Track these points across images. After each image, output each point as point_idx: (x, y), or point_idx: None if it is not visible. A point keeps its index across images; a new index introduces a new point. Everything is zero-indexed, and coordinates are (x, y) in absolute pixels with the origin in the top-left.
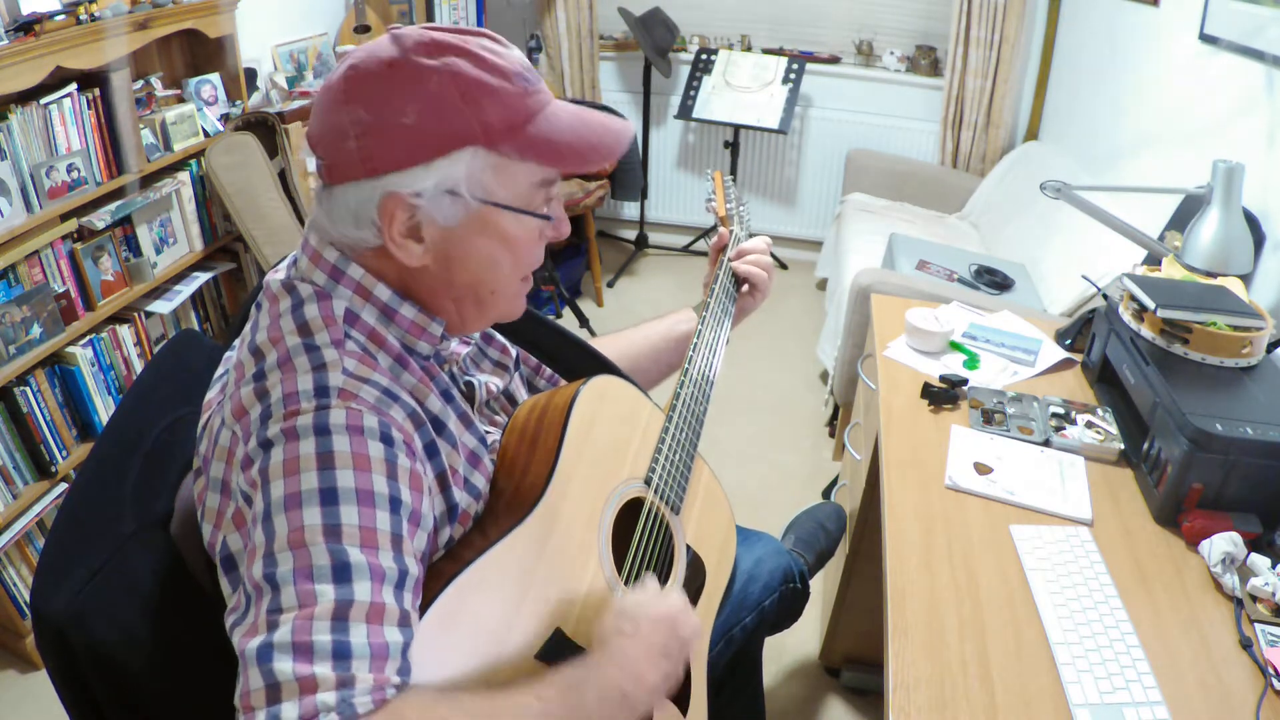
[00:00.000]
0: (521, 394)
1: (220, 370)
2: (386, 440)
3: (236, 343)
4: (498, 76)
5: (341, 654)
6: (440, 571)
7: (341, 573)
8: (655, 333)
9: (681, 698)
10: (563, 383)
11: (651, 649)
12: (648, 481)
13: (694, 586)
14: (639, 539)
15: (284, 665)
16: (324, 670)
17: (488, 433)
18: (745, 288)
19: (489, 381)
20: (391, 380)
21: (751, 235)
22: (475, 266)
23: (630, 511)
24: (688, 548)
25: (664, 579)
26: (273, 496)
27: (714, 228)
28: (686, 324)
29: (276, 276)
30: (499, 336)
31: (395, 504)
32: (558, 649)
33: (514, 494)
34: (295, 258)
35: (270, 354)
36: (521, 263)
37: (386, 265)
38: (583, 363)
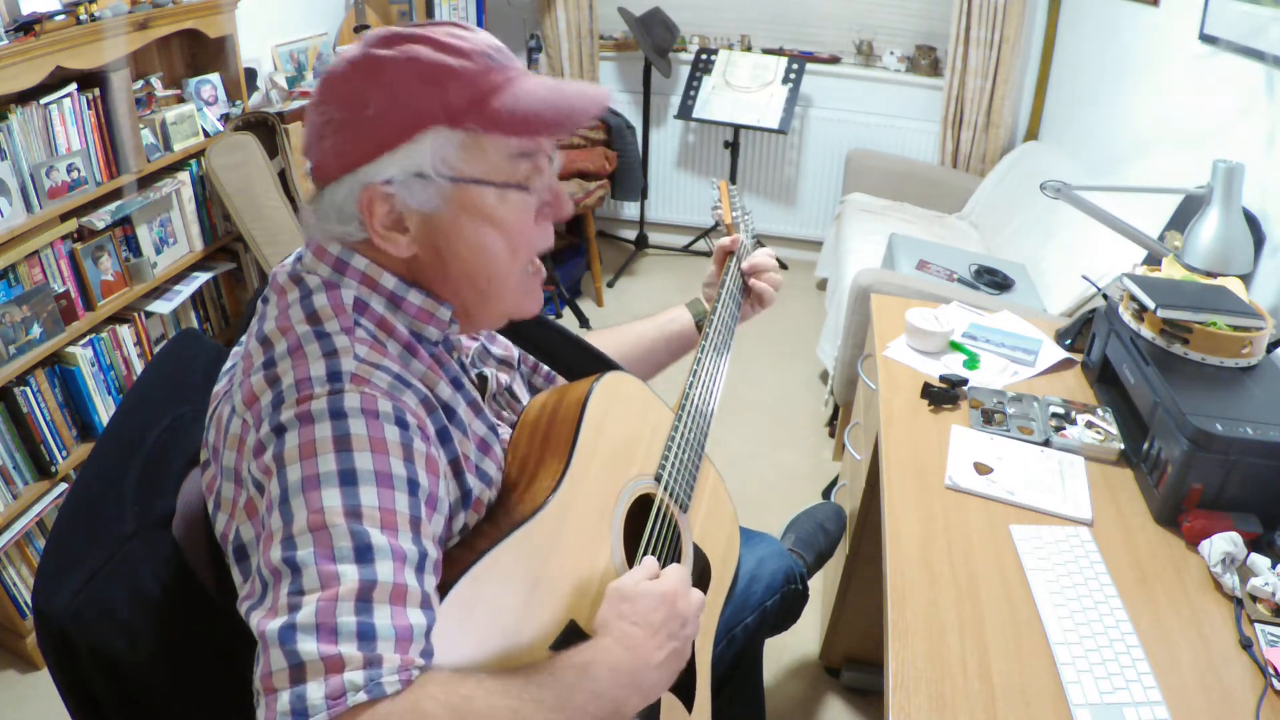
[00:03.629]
0: (522, 391)
1: (228, 363)
2: (401, 424)
3: (244, 336)
4: (458, 56)
5: (366, 635)
6: (455, 561)
7: (364, 553)
8: (648, 331)
9: (686, 694)
10: (560, 381)
11: (654, 628)
12: (658, 478)
13: (699, 586)
14: (649, 534)
15: (308, 645)
16: (349, 650)
17: (496, 424)
18: (751, 293)
19: (498, 375)
20: (402, 367)
21: (758, 243)
22: (466, 252)
23: (639, 507)
24: (694, 546)
25: None
26: (289, 480)
27: (715, 227)
28: (679, 323)
29: (283, 269)
30: (500, 336)
31: (413, 486)
32: (572, 640)
33: (527, 487)
34: (300, 254)
35: (280, 342)
36: (518, 246)
37: (385, 258)
38: (583, 361)
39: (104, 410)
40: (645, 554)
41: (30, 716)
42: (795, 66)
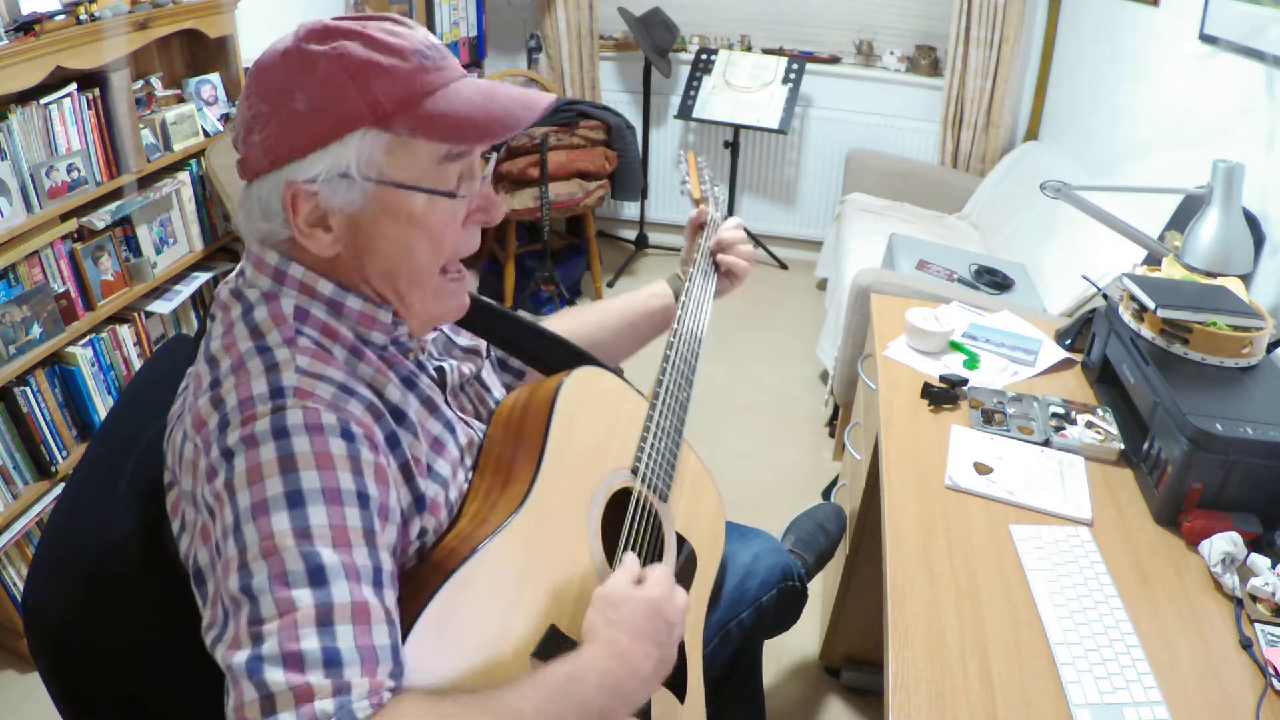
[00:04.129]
0: (493, 380)
1: (183, 384)
2: (347, 436)
3: (199, 356)
4: (391, 55)
5: (332, 660)
6: (431, 574)
7: (316, 575)
8: (630, 307)
9: (678, 686)
10: (532, 371)
11: (641, 635)
12: (635, 471)
13: (685, 574)
14: (628, 529)
15: (276, 676)
16: (317, 678)
17: (455, 419)
18: (722, 269)
19: (461, 367)
20: (347, 374)
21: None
22: (387, 253)
23: (618, 502)
24: (677, 535)
25: None
26: (240, 507)
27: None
28: (661, 299)
29: (227, 285)
30: (465, 330)
31: (364, 499)
32: (553, 645)
33: (501, 491)
34: (242, 267)
35: (224, 360)
36: (441, 248)
37: (310, 259)
38: (551, 352)
39: (104, 410)
40: (625, 549)
41: (30, 716)
42: (795, 66)
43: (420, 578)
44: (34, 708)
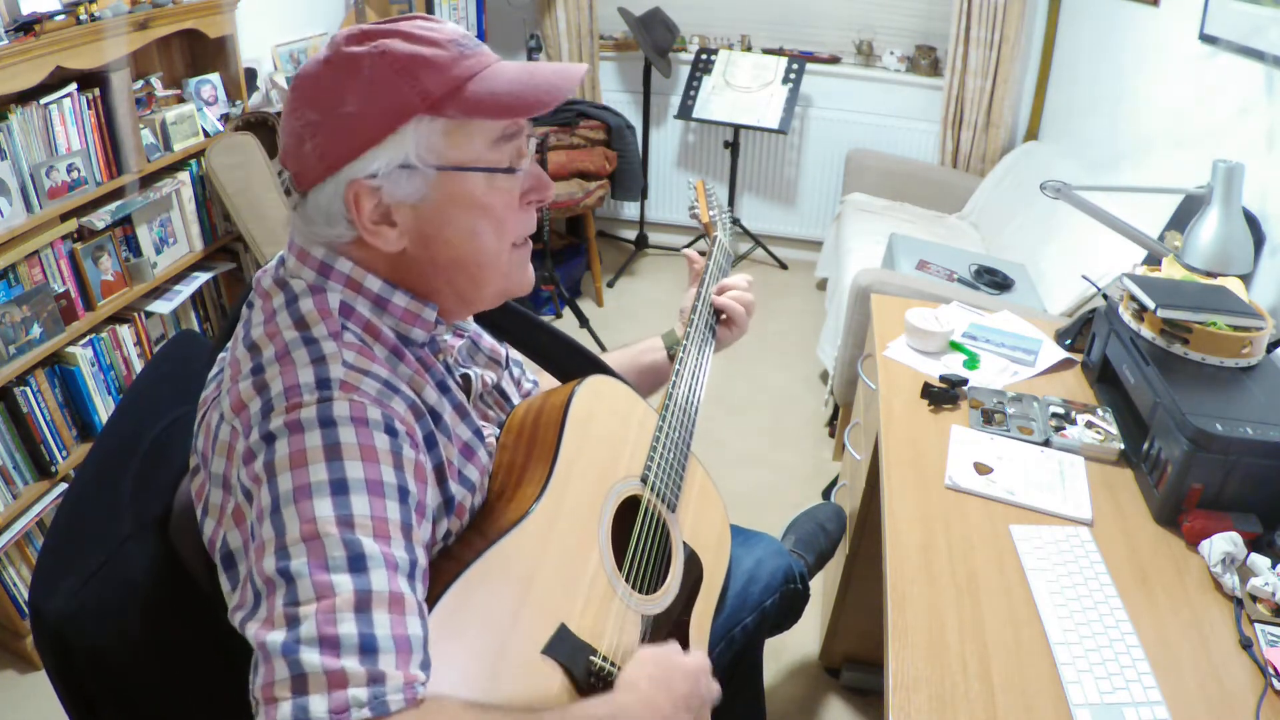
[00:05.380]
0: (512, 390)
1: (215, 369)
2: (391, 432)
3: (230, 343)
4: (431, 46)
5: (368, 647)
6: (444, 569)
7: (358, 563)
8: (622, 361)
9: None
10: (547, 377)
11: (677, 700)
12: (644, 479)
13: (691, 584)
14: (637, 536)
15: (311, 657)
16: (352, 664)
17: (482, 426)
18: (723, 316)
19: (484, 375)
20: (390, 372)
21: (736, 246)
22: (455, 239)
23: (627, 509)
24: (684, 545)
25: (662, 576)
26: (280, 489)
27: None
28: (653, 354)
29: (267, 274)
30: (488, 336)
31: (404, 494)
32: (563, 644)
33: (514, 492)
34: (283, 256)
35: (268, 348)
36: (504, 229)
37: (373, 256)
38: (572, 360)
39: (104, 410)
40: (634, 555)
41: (30, 716)
42: (795, 66)
43: (434, 570)
44: (34, 706)
